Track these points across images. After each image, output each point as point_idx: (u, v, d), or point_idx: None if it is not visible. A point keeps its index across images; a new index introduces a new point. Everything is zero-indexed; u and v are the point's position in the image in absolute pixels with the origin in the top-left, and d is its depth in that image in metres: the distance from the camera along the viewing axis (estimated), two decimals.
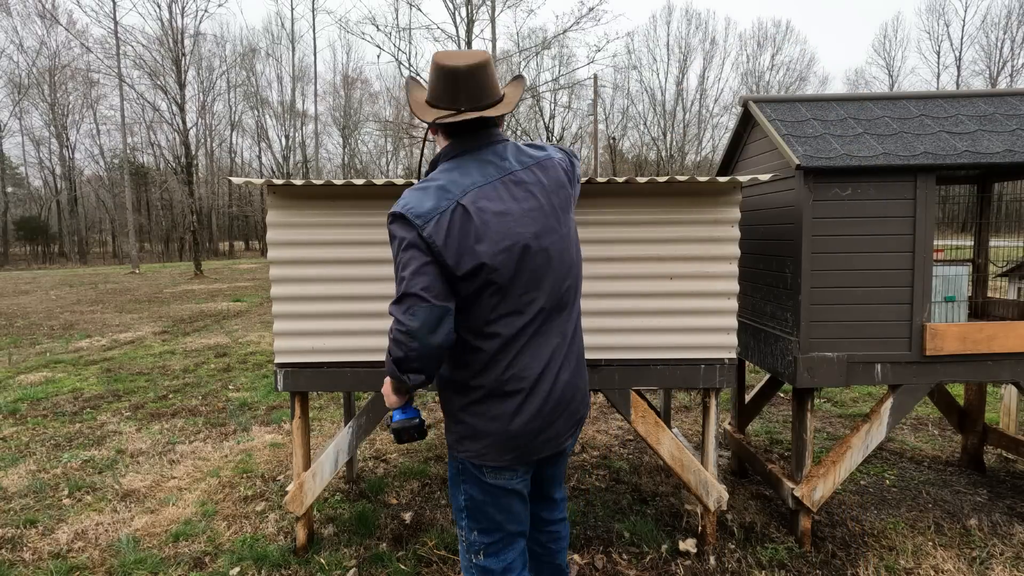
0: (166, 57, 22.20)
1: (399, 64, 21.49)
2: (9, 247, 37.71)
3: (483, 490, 1.77)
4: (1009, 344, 2.75)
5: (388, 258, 2.70)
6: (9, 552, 3.02)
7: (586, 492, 3.59)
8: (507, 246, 1.61)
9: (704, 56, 42.70)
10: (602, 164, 34.16)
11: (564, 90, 29.55)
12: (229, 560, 2.88)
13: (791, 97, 3.15)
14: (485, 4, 20.54)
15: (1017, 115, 2.91)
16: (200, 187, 35.83)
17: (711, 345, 2.75)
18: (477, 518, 1.81)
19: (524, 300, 1.66)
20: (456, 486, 1.82)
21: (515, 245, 1.62)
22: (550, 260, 1.69)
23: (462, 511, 1.82)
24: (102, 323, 10.61)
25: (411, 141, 25.99)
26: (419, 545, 2.97)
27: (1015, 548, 2.92)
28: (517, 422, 1.69)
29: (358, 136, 40.50)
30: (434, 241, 1.57)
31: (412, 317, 1.56)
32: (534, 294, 1.67)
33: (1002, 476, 3.77)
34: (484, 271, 1.59)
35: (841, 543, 2.99)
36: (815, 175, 2.70)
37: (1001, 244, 4.02)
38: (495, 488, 1.77)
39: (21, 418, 5.22)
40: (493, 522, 1.81)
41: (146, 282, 18.89)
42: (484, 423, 1.70)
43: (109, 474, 3.97)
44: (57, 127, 37.55)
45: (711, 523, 2.87)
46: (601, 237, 2.71)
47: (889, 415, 2.86)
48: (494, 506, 1.79)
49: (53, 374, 6.81)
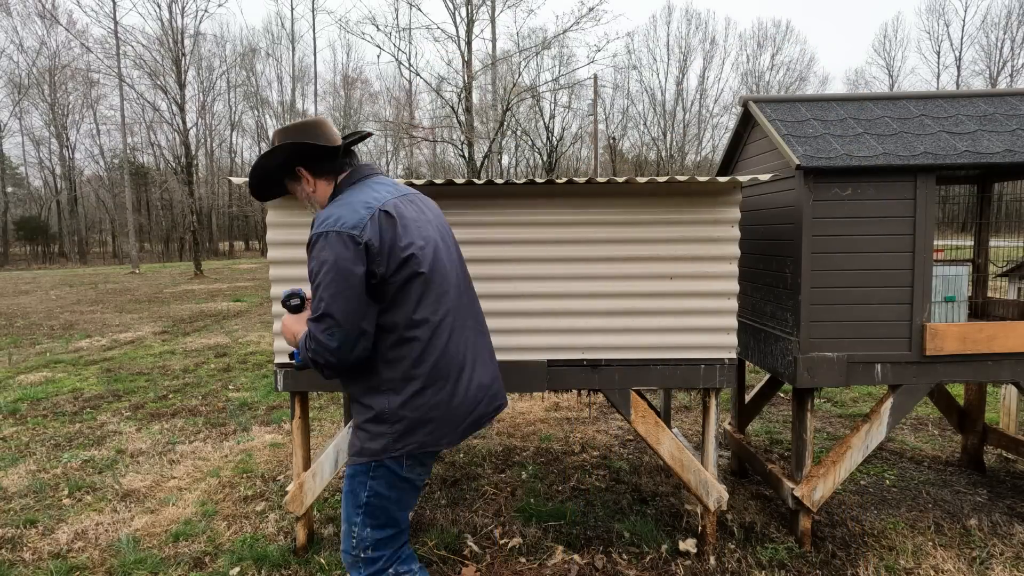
0: (166, 57, 22.19)
1: (399, 64, 21.49)
2: (9, 247, 37.70)
3: (392, 487, 1.84)
4: (1009, 344, 2.75)
5: None
6: (9, 552, 3.03)
7: (586, 492, 3.59)
8: (424, 242, 1.81)
9: (704, 56, 42.76)
10: (602, 164, 34.15)
11: (564, 90, 29.53)
12: (229, 560, 2.88)
13: (791, 97, 3.15)
14: (485, 4, 20.55)
15: (1017, 115, 2.91)
16: (200, 187, 35.82)
17: (711, 345, 2.75)
18: (375, 515, 1.86)
19: (442, 290, 1.83)
20: (361, 485, 1.86)
21: (429, 242, 1.83)
22: (452, 259, 1.92)
23: (360, 508, 1.86)
24: (102, 323, 10.61)
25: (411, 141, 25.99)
26: (419, 545, 2.97)
27: (1015, 548, 2.92)
28: (456, 400, 1.84)
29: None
30: (372, 244, 1.70)
31: (331, 338, 1.69)
32: (447, 286, 1.85)
33: (1002, 476, 3.77)
34: (412, 261, 1.75)
35: (841, 543, 2.99)
36: (815, 175, 2.70)
37: (1001, 244, 4.02)
38: (407, 482, 1.86)
39: (21, 418, 5.22)
40: (390, 518, 1.88)
41: (146, 282, 18.89)
42: (426, 412, 1.80)
43: (109, 474, 3.97)
44: (57, 127, 37.55)
45: (711, 523, 2.87)
46: (601, 237, 2.71)
47: (889, 415, 2.86)
48: (397, 503, 1.87)
49: (53, 374, 6.81)
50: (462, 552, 2.93)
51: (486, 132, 22.14)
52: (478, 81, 23.45)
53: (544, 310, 2.73)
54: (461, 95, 21.08)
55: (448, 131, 23.87)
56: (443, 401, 1.82)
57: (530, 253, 2.71)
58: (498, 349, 2.73)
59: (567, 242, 2.71)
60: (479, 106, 23.64)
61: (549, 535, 3.08)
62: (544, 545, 2.99)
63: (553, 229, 2.70)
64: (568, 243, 2.71)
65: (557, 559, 2.86)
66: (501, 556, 2.90)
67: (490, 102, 24.38)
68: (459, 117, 21.00)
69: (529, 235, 2.70)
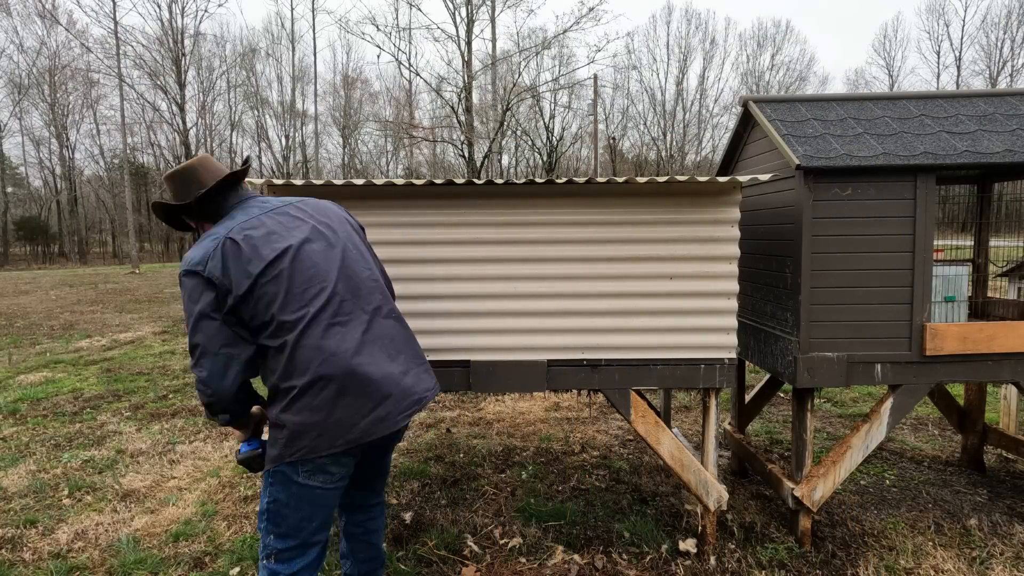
0: (166, 57, 22.23)
1: (399, 64, 21.50)
2: (9, 247, 37.69)
3: (289, 493, 1.85)
4: (1009, 344, 2.75)
5: (389, 258, 2.71)
6: (9, 552, 3.03)
7: (586, 492, 3.59)
8: (277, 255, 1.82)
9: (704, 56, 42.70)
10: (602, 164, 34.14)
11: (564, 90, 29.55)
12: (229, 560, 2.89)
13: (791, 97, 3.15)
14: (485, 4, 20.56)
15: (1017, 115, 2.91)
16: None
17: (711, 345, 2.75)
18: (276, 522, 1.88)
19: (309, 294, 1.84)
20: (264, 490, 1.90)
21: (286, 251, 1.84)
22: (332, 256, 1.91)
23: (263, 514, 1.90)
24: (102, 323, 10.61)
25: (411, 141, 26.00)
26: (419, 545, 2.97)
27: (1015, 548, 2.92)
28: (345, 400, 1.80)
29: (358, 136, 40.48)
30: (214, 275, 1.77)
31: (200, 368, 1.78)
32: (320, 286, 1.85)
33: (1002, 476, 3.77)
34: (264, 276, 1.79)
35: (841, 543, 2.99)
36: (815, 175, 2.70)
37: (1001, 244, 4.02)
38: (305, 489, 1.85)
39: (21, 418, 5.22)
40: (292, 528, 1.88)
41: (146, 282, 18.88)
42: (306, 417, 1.79)
43: (109, 474, 3.97)
44: (57, 127, 37.54)
45: (711, 523, 2.87)
46: (601, 237, 2.71)
47: (889, 415, 2.86)
48: (297, 511, 1.87)
49: (53, 374, 6.81)
50: (462, 552, 2.93)
51: (486, 132, 22.15)
52: (478, 81, 23.46)
53: (544, 310, 2.73)
54: (461, 95, 21.09)
55: (448, 131, 23.89)
56: (325, 403, 1.78)
57: (530, 253, 2.71)
58: (498, 349, 2.74)
59: (567, 242, 2.71)
60: (479, 106, 23.66)
61: (549, 535, 3.08)
62: (544, 545, 2.99)
63: (553, 229, 2.70)
64: (568, 243, 2.71)
65: (557, 559, 2.86)
66: (501, 556, 2.90)
67: (490, 102, 24.39)
68: (459, 117, 21.01)
69: (529, 235, 2.70)
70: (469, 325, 2.73)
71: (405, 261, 2.70)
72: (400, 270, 2.70)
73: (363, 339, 1.87)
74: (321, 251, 1.90)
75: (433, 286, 2.71)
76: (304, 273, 1.84)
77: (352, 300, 1.90)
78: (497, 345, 2.74)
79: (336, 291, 1.87)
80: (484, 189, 2.68)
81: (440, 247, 2.70)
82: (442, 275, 2.71)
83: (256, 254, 1.81)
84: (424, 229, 2.69)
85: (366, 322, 1.90)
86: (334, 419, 1.79)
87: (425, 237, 2.70)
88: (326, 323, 1.82)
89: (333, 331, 1.82)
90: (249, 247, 1.81)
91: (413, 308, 2.71)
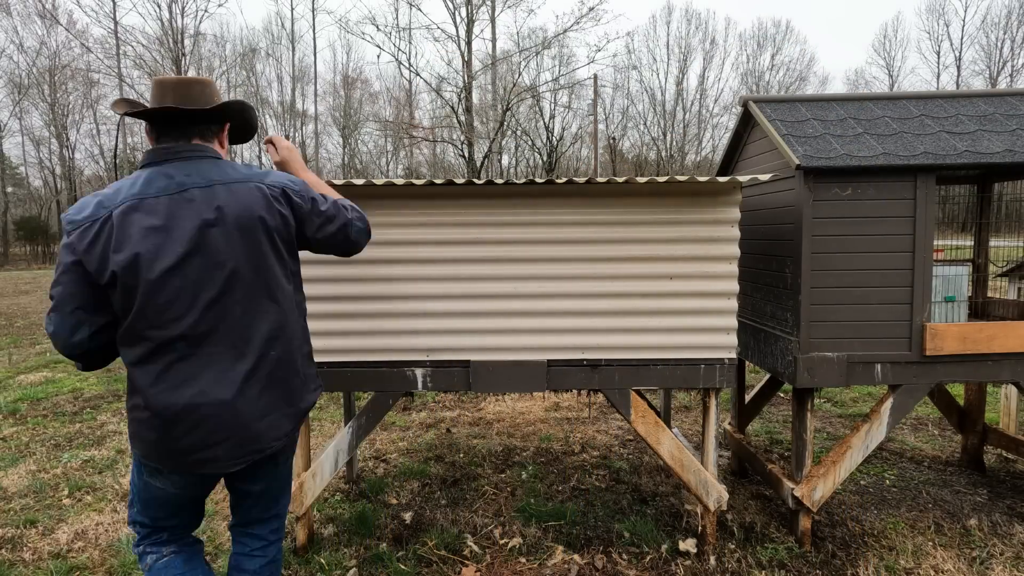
0: (166, 57, 22.21)
1: (399, 64, 21.51)
2: (9, 247, 37.70)
3: (140, 480, 1.86)
4: (1009, 344, 2.75)
5: (389, 258, 2.71)
6: (9, 552, 3.03)
7: (586, 492, 3.59)
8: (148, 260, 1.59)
9: (704, 56, 42.67)
10: (602, 164, 34.15)
11: (564, 90, 29.54)
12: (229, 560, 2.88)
13: (791, 97, 3.15)
14: (485, 4, 20.57)
15: (1017, 115, 2.92)
16: None
17: (711, 345, 2.75)
18: (135, 503, 1.91)
19: (167, 317, 1.62)
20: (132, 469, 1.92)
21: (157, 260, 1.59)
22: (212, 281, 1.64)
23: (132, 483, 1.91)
24: None
25: (411, 141, 26.00)
26: (419, 545, 2.97)
27: (1015, 548, 2.92)
28: (164, 438, 1.68)
29: (358, 136, 40.49)
30: (76, 247, 1.60)
31: (49, 322, 1.65)
32: (180, 311, 1.62)
33: (1002, 476, 3.77)
34: (119, 282, 1.59)
35: (841, 543, 2.99)
36: (815, 175, 2.70)
37: (1001, 244, 4.02)
38: (147, 485, 1.84)
39: (21, 418, 5.22)
40: (148, 513, 1.89)
41: None
42: (136, 428, 1.72)
43: (109, 474, 3.97)
44: (57, 127, 37.54)
45: (711, 523, 2.87)
46: (601, 237, 2.71)
47: (889, 415, 2.86)
48: (148, 499, 1.87)
49: (53, 374, 6.81)
50: (462, 552, 2.93)
51: (486, 132, 22.16)
52: (478, 81, 23.47)
53: (544, 310, 2.73)
54: (461, 95, 21.10)
55: (448, 131, 23.89)
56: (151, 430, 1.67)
57: (530, 253, 2.71)
58: (498, 349, 2.74)
59: (567, 242, 2.71)
60: (479, 106, 23.66)
61: (549, 535, 3.08)
62: (544, 545, 2.99)
63: (553, 229, 2.70)
64: (568, 243, 2.71)
65: (557, 559, 2.86)
66: (501, 556, 2.90)
67: (490, 102, 24.40)
68: (459, 117, 21.02)
69: (529, 235, 2.70)
70: (469, 325, 2.73)
71: (405, 261, 2.70)
72: (400, 270, 2.70)
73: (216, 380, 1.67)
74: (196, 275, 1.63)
75: (433, 286, 2.71)
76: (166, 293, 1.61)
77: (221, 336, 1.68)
78: (497, 345, 2.74)
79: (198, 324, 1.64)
80: (484, 189, 2.68)
81: (440, 247, 2.70)
82: (442, 275, 2.71)
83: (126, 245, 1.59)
84: (424, 229, 2.69)
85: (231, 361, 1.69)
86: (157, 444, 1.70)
87: (425, 237, 2.70)
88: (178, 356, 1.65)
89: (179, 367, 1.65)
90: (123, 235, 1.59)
91: (413, 308, 2.71)
